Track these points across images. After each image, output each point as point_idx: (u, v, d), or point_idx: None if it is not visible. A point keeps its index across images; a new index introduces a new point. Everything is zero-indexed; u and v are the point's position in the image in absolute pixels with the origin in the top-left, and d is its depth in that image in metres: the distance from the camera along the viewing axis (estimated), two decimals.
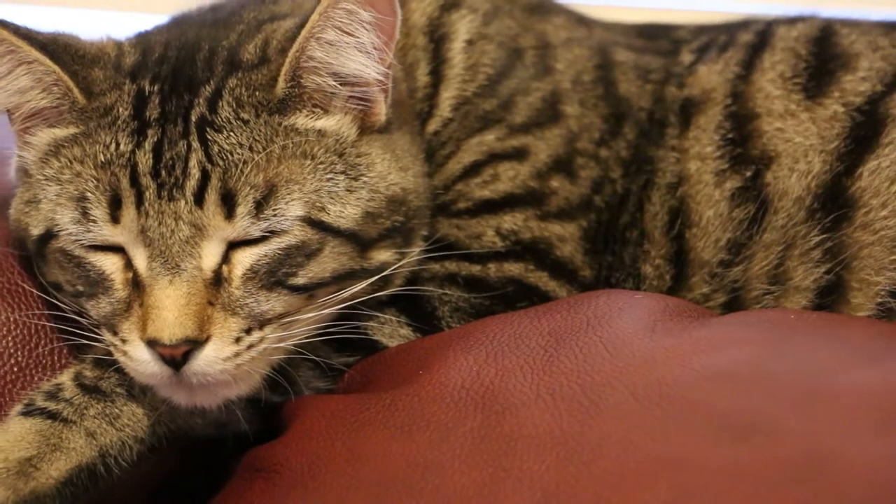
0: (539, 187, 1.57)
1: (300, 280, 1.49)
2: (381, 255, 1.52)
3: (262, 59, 1.51)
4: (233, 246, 1.49)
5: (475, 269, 1.56)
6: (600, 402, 1.44)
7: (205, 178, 1.48)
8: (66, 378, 1.50)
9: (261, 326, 1.48)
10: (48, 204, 1.51)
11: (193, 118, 1.49)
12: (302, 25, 1.49)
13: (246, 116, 1.50)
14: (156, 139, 1.49)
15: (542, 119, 1.58)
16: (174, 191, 1.48)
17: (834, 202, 1.54)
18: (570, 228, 1.57)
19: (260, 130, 1.50)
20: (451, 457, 1.44)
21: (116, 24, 1.64)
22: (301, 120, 1.51)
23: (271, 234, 1.49)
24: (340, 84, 1.51)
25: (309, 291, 1.50)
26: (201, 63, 1.52)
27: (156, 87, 1.51)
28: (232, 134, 1.49)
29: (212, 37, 1.55)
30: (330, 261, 1.50)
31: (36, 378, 1.54)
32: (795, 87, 1.58)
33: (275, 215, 1.49)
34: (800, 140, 1.56)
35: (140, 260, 1.48)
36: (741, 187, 1.57)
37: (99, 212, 1.49)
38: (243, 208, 1.48)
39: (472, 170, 1.59)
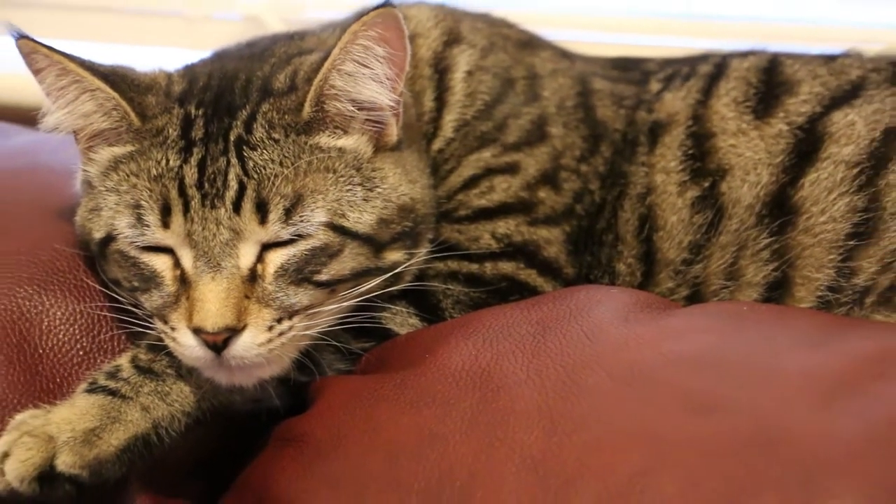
0: (529, 197, 1.57)
1: (323, 277, 1.49)
2: (393, 256, 1.52)
3: (290, 87, 1.52)
4: (266, 247, 1.49)
5: (473, 267, 1.56)
6: (581, 381, 1.44)
7: (241, 189, 1.48)
8: (123, 360, 1.50)
9: (290, 317, 1.48)
10: (108, 211, 1.51)
11: (232, 138, 1.49)
12: (325, 59, 1.49)
13: (277, 136, 1.50)
14: (200, 156, 1.49)
15: (532, 139, 1.59)
16: (216, 200, 1.48)
17: (780, 209, 1.54)
18: (555, 233, 1.57)
19: (289, 148, 1.49)
20: (453, 428, 1.44)
21: (142, 57, 1.60)
22: (324, 139, 1.51)
23: (299, 237, 1.49)
24: (358, 109, 1.51)
25: (331, 287, 1.50)
26: (239, 90, 1.53)
27: (200, 112, 1.51)
28: (265, 151, 1.49)
29: (248, 68, 1.56)
30: (349, 260, 1.50)
31: (98, 361, 1.54)
32: (746, 110, 1.58)
33: (301, 221, 1.48)
34: (750, 155, 1.57)
35: (186, 259, 1.48)
36: (700, 196, 1.57)
37: (152, 218, 1.49)
38: (274, 215, 1.48)
39: (471, 182, 1.59)
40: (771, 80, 1.60)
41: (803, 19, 1.82)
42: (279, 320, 1.47)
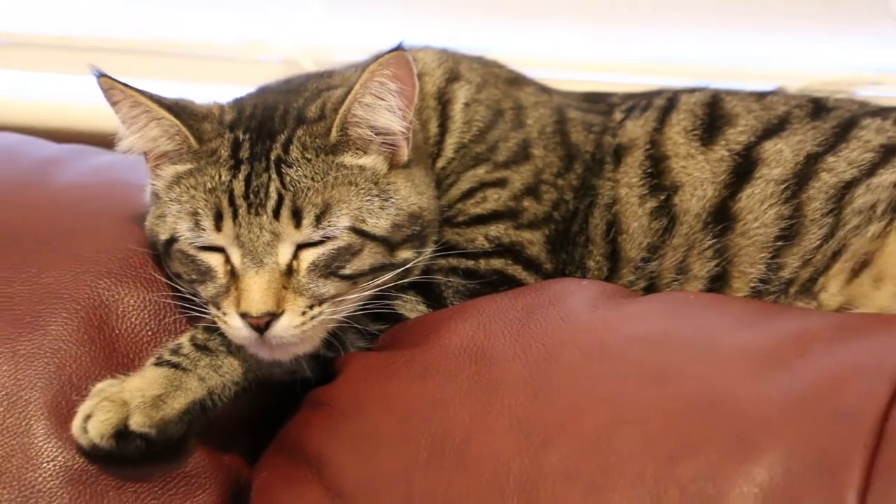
0: (515, 206, 1.58)
1: (347, 271, 1.50)
2: (404, 254, 1.53)
3: (320, 116, 1.53)
4: (300, 247, 1.50)
5: (470, 263, 1.56)
6: (558, 357, 1.45)
7: (280, 199, 1.49)
8: (184, 339, 1.51)
9: (319, 304, 1.49)
10: (171, 218, 1.52)
11: (272, 157, 1.50)
12: (348, 93, 1.51)
13: (309, 156, 1.51)
14: (246, 172, 1.50)
15: (518, 159, 1.59)
16: (259, 209, 1.49)
17: (721, 217, 1.55)
18: (537, 235, 1.58)
19: (319, 166, 1.50)
20: (453, 395, 1.45)
21: (198, 92, 1.63)
22: (347, 158, 1.52)
23: (327, 238, 1.50)
24: (375, 134, 1.52)
25: (353, 279, 1.51)
26: (278, 119, 1.54)
27: (246, 136, 1.52)
28: (299, 168, 1.50)
29: (286, 101, 1.56)
30: (368, 258, 1.51)
31: (163, 340, 1.55)
32: (694, 137, 1.58)
33: (329, 225, 1.49)
34: (697, 174, 1.57)
35: (235, 257, 1.50)
36: (657, 206, 1.57)
37: (207, 223, 1.50)
38: (307, 220, 1.49)
39: (468, 194, 1.59)
40: (713, 113, 1.60)
41: (739, 60, 1.79)
42: (311, 307, 1.48)
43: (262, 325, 1.46)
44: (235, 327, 1.47)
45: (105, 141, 1.59)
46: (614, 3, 1.90)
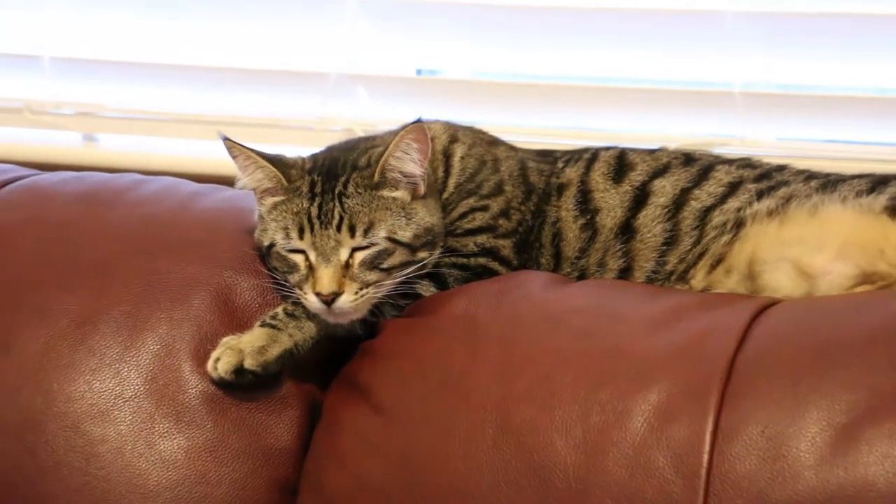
0: (493, 223, 1.56)
1: (384, 266, 1.50)
2: (421, 254, 1.52)
3: (367, 164, 1.52)
4: (353, 250, 1.49)
5: (464, 261, 1.55)
6: (521, 322, 1.44)
7: (341, 219, 1.49)
8: (279, 309, 1.50)
9: (366, 287, 1.48)
10: (271, 231, 1.51)
11: (336, 192, 1.50)
12: (385, 150, 1.50)
13: (360, 191, 1.50)
14: (319, 202, 1.50)
15: (495, 193, 1.58)
16: (327, 225, 1.48)
17: (626, 230, 1.53)
18: (508, 242, 1.56)
19: (366, 197, 1.50)
20: (454, 346, 1.44)
21: (287, 151, 1.66)
22: (385, 192, 1.51)
23: (371, 244, 1.49)
24: (403, 176, 1.51)
25: (388, 271, 1.50)
26: (340, 167, 1.53)
27: (319, 178, 1.52)
28: (353, 199, 1.50)
29: (345, 155, 1.55)
30: (398, 257, 1.50)
31: (266, 310, 1.52)
32: (609, 178, 1.56)
33: (373, 236, 1.49)
34: (611, 202, 1.55)
35: (312, 256, 1.49)
36: (585, 223, 1.55)
37: (294, 234, 1.50)
38: (358, 233, 1.49)
39: (463, 216, 1.57)
40: (621, 162, 1.58)
41: (628, 133, 1.77)
42: (360, 289, 1.47)
43: (329, 300, 1.46)
44: (312, 302, 1.47)
45: (229, 181, 1.59)
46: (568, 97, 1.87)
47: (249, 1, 1.90)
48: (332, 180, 1.50)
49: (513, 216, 1.57)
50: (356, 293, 1.47)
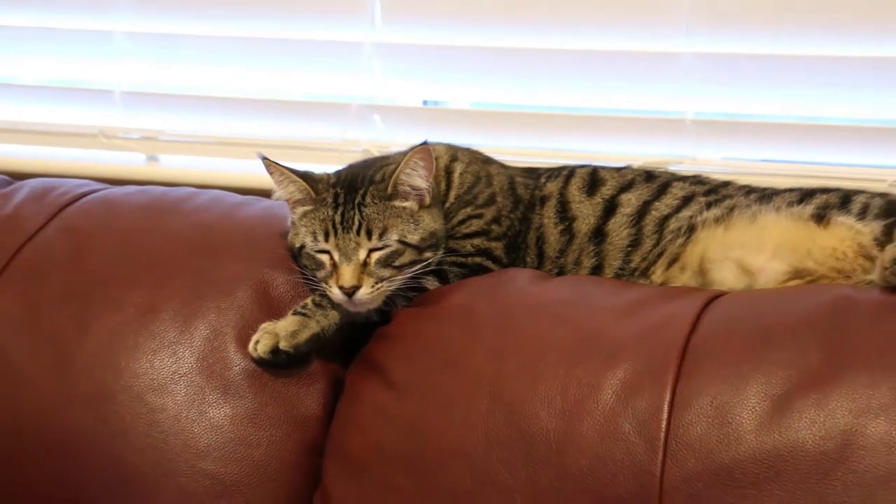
0: (487, 228, 1.54)
1: (396, 264, 1.48)
2: (427, 254, 1.50)
3: (382, 179, 1.50)
4: (370, 251, 1.47)
5: (463, 259, 1.53)
6: (511, 311, 1.42)
7: (360, 225, 1.47)
8: (308, 300, 1.48)
9: (381, 282, 1.46)
10: (301, 235, 1.49)
11: (356, 202, 1.48)
12: (397, 167, 1.48)
13: (376, 202, 1.48)
14: (341, 210, 1.48)
15: (488, 203, 1.56)
16: (348, 230, 1.47)
17: (598, 234, 1.51)
18: (500, 244, 1.54)
19: (381, 207, 1.48)
20: (454, 333, 1.42)
21: (317, 168, 1.63)
22: (397, 202, 1.49)
23: (385, 246, 1.47)
24: (412, 189, 1.49)
25: (399, 268, 1.48)
26: (359, 181, 1.51)
27: (341, 191, 1.50)
28: (371, 208, 1.48)
29: (363, 172, 1.53)
30: (407, 256, 1.48)
31: (297, 301, 1.49)
32: (583, 191, 1.54)
33: (387, 238, 1.47)
34: (586, 211, 1.53)
35: (336, 256, 1.47)
36: (563, 229, 1.53)
37: (320, 238, 1.48)
38: (374, 236, 1.47)
39: (461, 222, 1.55)
40: (594, 178, 1.56)
41: (610, 152, 1.76)
42: (376, 283, 1.45)
43: (350, 292, 1.44)
44: (336, 294, 1.45)
45: (266, 194, 1.57)
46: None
47: (285, 47, 1.90)
48: (353, 192, 1.48)
49: (503, 222, 1.55)
50: (372, 287, 1.45)
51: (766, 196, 1.49)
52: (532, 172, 1.63)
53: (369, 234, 1.46)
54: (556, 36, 1.74)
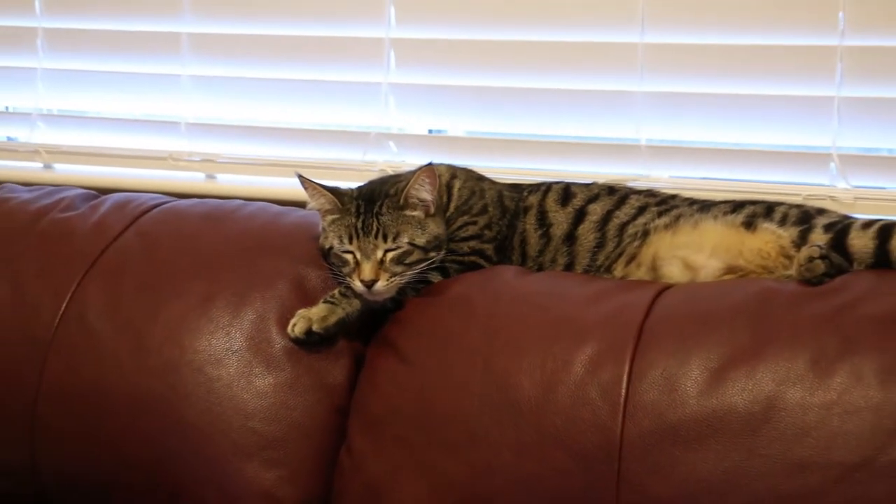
0: (480, 233, 1.53)
1: (407, 262, 1.47)
2: (432, 254, 1.49)
3: (395, 193, 1.49)
4: (386, 251, 1.46)
5: (460, 259, 1.52)
6: (499, 299, 1.41)
7: (377, 230, 1.46)
8: (336, 291, 1.46)
9: (394, 276, 1.45)
10: (330, 238, 1.49)
11: (374, 212, 1.47)
12: (407, 183, 1.48)
13: (390, 211, 1.48)
14: (363, 219, 1.47)
15: (481, 212, 1.54)
16: (367, 234, 1.46)
17: (570, 238, 1.50)
18: (491, 246, 1.52)
19: (394, 215, 1.47)
20: (452, 316, 1.41)
21: (342, 183, 1.61)
22: (407, 212, 1.48)
23: (398, 247, 1.46)
24: (419, 201, 1.49)
25: (410, 266, 1.47)
26: (376, 195, 1.50)
27: (363, 202, 1.49)
28: (386, 217, 1.47)
29: (380, 187, 1.52)
30: (416, 256, 1.47)
31: (327, 291, 1.48)
32: (558, 203, 1.53)
33: (399, 241, 1.46)
34: (560, 219, 1.51)
35: (357, 255, 1.47)
36: (542, 233, 1.52)
37: (345, 240, 1.47)
38: (389, 239, 1.46)
39: (459, 228, 1.54)
40: (567, 192, 1.55)
41: (580, 171, 1.75)
42: (390, 278, 1.45)
43: (369, 285, 1.43)
44: (357, 286, 1.45)
45: (302, 205, 1.57)
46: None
47: (318, 87, 1.93)
48: (372, 204, 1.48)
49: (494, 228, 1.55)
50: (388, 280, 1.44)
51: (705, 207, 1.50)
52: (516, 187, 1.63)
53: (385, 238, 1.46)
54: (535, 78, 1.78)
